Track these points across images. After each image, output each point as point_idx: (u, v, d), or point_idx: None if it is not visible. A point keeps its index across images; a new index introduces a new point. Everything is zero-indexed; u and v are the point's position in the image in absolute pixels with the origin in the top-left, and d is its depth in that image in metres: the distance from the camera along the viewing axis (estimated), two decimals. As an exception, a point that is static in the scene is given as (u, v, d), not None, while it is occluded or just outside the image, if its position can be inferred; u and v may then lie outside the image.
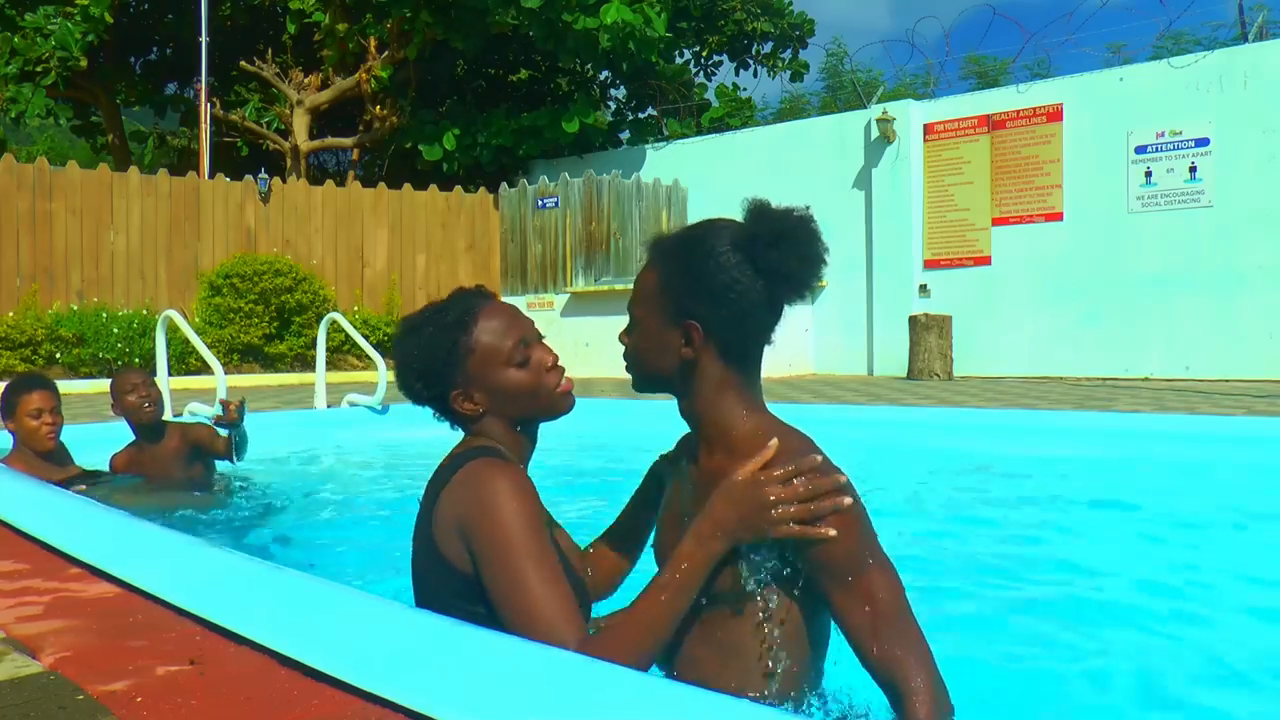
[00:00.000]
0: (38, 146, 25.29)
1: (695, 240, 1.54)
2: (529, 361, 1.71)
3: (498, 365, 1.70)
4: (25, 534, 2.54)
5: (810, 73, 19.19)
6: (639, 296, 1.59)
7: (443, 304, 1.75)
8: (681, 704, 1.24)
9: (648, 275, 1.58)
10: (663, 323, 1.55)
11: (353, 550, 3.65)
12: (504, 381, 1.70)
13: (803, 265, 1.49)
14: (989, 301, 11.85)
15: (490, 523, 1.55)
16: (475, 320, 1.70)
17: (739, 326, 1.52)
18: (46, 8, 14.12)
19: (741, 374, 1.56)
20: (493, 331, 1.70)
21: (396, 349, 1.76)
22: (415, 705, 1.31)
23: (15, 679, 1.49)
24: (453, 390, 1.70)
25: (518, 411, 1.73)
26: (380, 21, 15.45)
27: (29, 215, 12.36)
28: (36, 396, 3.83)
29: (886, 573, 1.46)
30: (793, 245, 1.48)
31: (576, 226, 13.69)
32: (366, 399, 6.60)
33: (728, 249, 1.50)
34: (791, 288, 1.51)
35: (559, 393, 1.74)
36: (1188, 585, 2.96)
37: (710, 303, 1.51)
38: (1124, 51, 14.37)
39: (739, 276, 1.49)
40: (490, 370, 1.70)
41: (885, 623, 1.44)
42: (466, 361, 1.69)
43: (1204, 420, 6.06)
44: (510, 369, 1.70)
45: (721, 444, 1.56)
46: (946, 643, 2.32)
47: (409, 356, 1.72)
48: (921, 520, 4.07)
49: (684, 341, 1.54)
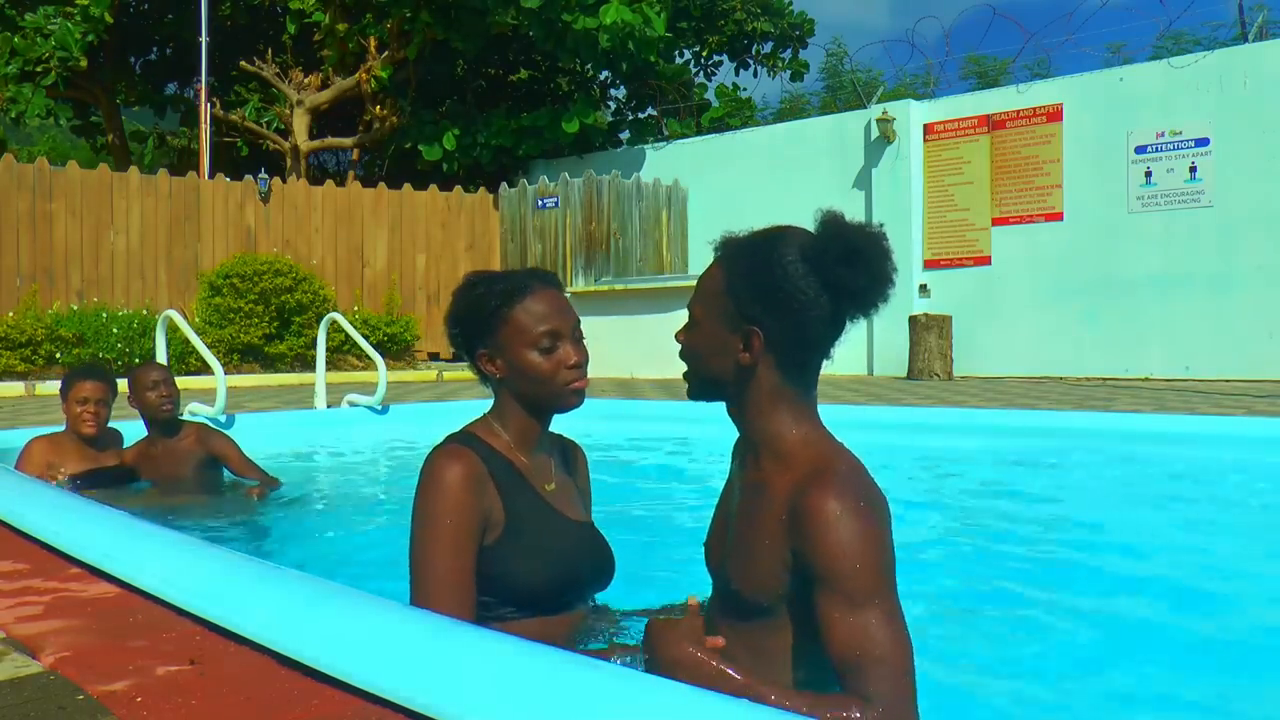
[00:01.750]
0: (39, 146, 25.29)
1: (765, 245, 1.52)
2: (552, 352, 1.81)
3: (523, 344, 1.81)
4: (25, 534, 2.54)
5: (810, 73, 19.21)
6: (701, 294, 1.58)
7: (508, 273, 1.89)
8: (682, 704, 1.24)
9: (713, 274, 1.57)
10: (723, 325, 1.54)
11: (352, 550, 3.65)
12: (523, 361, 1.81)
13: (872, 283, 1.48)
14: (989, 301, 11.85)
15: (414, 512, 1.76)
16: (523, 298, 1.82)
17: (800, 337, 1.51)
18: (46, 8, 14.12)
19: (797, 385, 1.54)
20: (531, 313, 1.81)
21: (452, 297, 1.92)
22: (415, 705, 1.31)
23: (15, 679, 1.49)
24: (480, 349, 1.85)
25: (527, 391, 1.84)
26: (380, 21, 15.45)
27: (29, 215, 12.36)
28: (87, 385, 4.11)
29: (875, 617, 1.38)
30: (864, 262, 1.47)
31: (576, 226, 13.69)
32: (366, 399, 6.60)
33: (797, 258, 1.48)
34: (858, 305, 1.50)
35: (568, 388, 1.84)
36: (1187, 585, 2.96)
37: (774, 311, 1.49)
38: (1124, 51, 14.40)
39: (805, 287, 1.47)
40: (516, 345, 1.81)
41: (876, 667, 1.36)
42: (500, 329, 1.82)
43: (1204, 420, 6.05)
44: (533, 352, 1.81)
45: (769, 454, 1.54)
46: (946, 642, 2.33)
47: (458, 306, 1.89)
48: (921, 520, 4.07)
49: (743, 347, 1.52)
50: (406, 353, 13.48)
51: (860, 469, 1.51)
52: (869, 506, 1.43)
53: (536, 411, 1.87)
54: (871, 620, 1.38)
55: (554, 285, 1.89)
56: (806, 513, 1.42)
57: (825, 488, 1.42)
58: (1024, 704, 1.99)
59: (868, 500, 1.44)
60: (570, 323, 1.85)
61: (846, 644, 1.38)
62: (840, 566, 1.38)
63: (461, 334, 1.88)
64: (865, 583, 1.38)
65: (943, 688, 2.03)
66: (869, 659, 1.36)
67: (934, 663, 2.16)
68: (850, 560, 1.38)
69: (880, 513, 1.45)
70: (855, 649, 1.37)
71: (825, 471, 1.46)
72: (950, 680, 2.06)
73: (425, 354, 14.66)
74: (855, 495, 1.43)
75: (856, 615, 1.38)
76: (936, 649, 2.28)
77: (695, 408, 1.73)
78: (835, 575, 1.39)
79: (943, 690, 2.01)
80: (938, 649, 2.29)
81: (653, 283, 12.72)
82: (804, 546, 1.42)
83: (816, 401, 1.59)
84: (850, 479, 1.46)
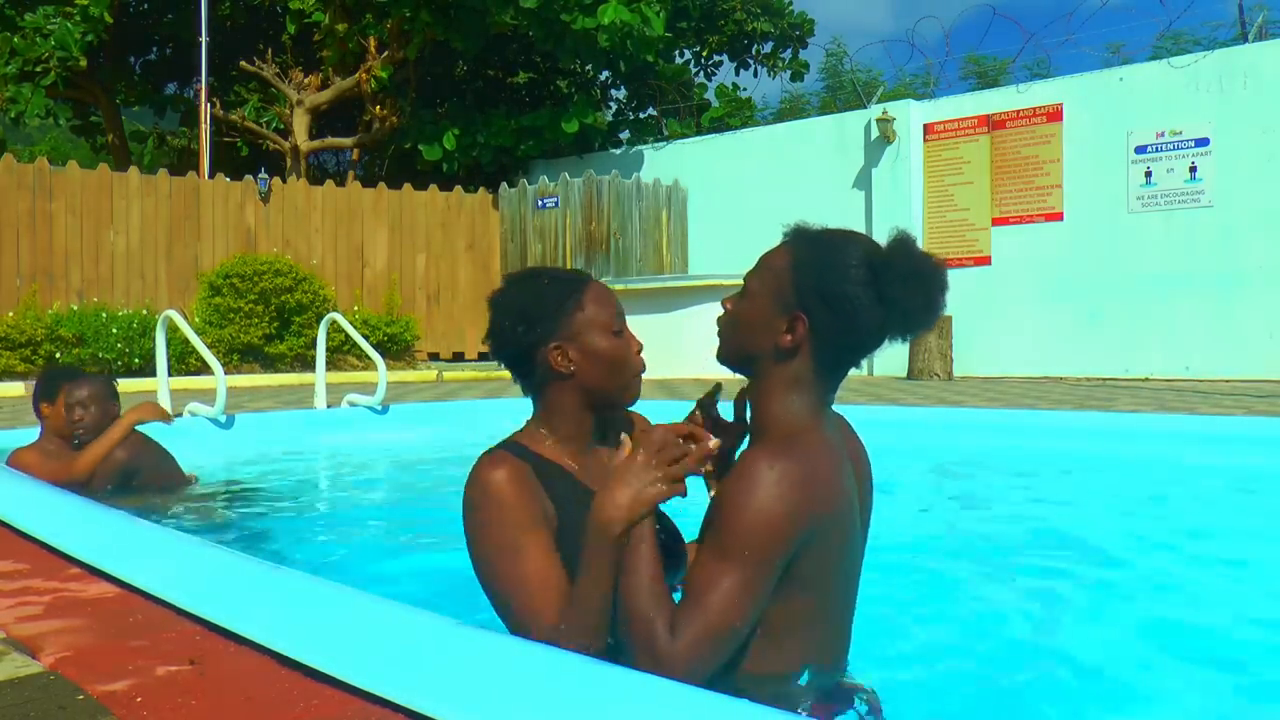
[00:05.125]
0: (39, 147, 25.28)
1: (836, 243, 1.60)
2: (623, 335, 1.79)
3: (599, 329, 1.76)
4: (25, 534, 2.54)
5: (810, 73, 19.20)
6: (761, 270, 1.63)
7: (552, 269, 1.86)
8: (682, 704, 1.24)
9: (780, 254, 1.62)
10: (774, 304, 1.59)
11: (352, 550, 3.65)
12: (599, 347, 1.76)
13: (925, 308, 1.55)
14: (989, 301, 11.85)
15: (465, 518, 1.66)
16: (588, 285, 1.80)
17: (842, 338, 1.57)
18: (46, 8, 14.11)
19: (821, 380, 1.60)
20: (600, 300, 1.79)
21: (500, 297, 1.82)
22: (415, 705, 1.31)
23: (15, 679, 1.49)
24: (552, 341, 1.75)
25: (600, 381, 1.77)
26: (380, 21, 15.45)
27: (29, 215, 12.36)
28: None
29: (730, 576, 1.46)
30: (924, 287, 1.55)
31: (576, 226, 13.69)
32: (366, 399, 6.60)
33: (863, 265, 1.55)
34: (905, 325, 1.57)
35: (637, 375, 1.81)
36: (1187, 585, 2.96)
37: (826, 304, 1.55)
38: (1124, 51, 14.40)
39: (861, 294, 1.54)
40: (592, 331, 1.76)
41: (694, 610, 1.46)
42: (575, 315, 1.76)
43: (1204, 420, 6.06)
44: (609, 336, 1.77)
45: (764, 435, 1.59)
46: (944, 642, 2.33)
47: (515, 301, 1.79)
48: (921, 521, 4.07)
49: (786, 329, 1.57)
50: (406, 353, 13.48)
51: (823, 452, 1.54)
52: (787, 481, 1.47)
53: (598, 405, 1.79)
54: (721, 575, 1.46)
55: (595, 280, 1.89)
56: (735, 466, 1.52)
57: (765, 449, 1.50)
58: (1025, 703, 1.99)
59: (791, 476, 1.47)
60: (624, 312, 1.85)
61: (691, 580, 1.48)
62: (725, 515, 1.48)
63: (527, 328, 1.76)
64: (735, 542, 1.46)
65: (941, 686, 2.03)
66: (696, 603, 1.46)
67: (935, 663, 2.16)
68: (734, 511, 1.47)
69: (800, 493, 1.47)
70: (694, 589, 1.47)
71: (782, 439, 1.53)
72: (949, 679, 2.06)
73: (425, 354, 14.67)
74: (782, 466, 1.47)
75: (713, 563, 1.47)
76: (938, 648, 2.28)
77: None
78: (718, 521, 1.48)
79: (942, 686, 2.02)
80: (935, 650, 2.29)
81: (653, 283, 12.73)
82: (720, 494, 1.51)
83: (832, 404, 1.64)
84: (797, 453, 1.50)
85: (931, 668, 2.12)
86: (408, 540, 3.82)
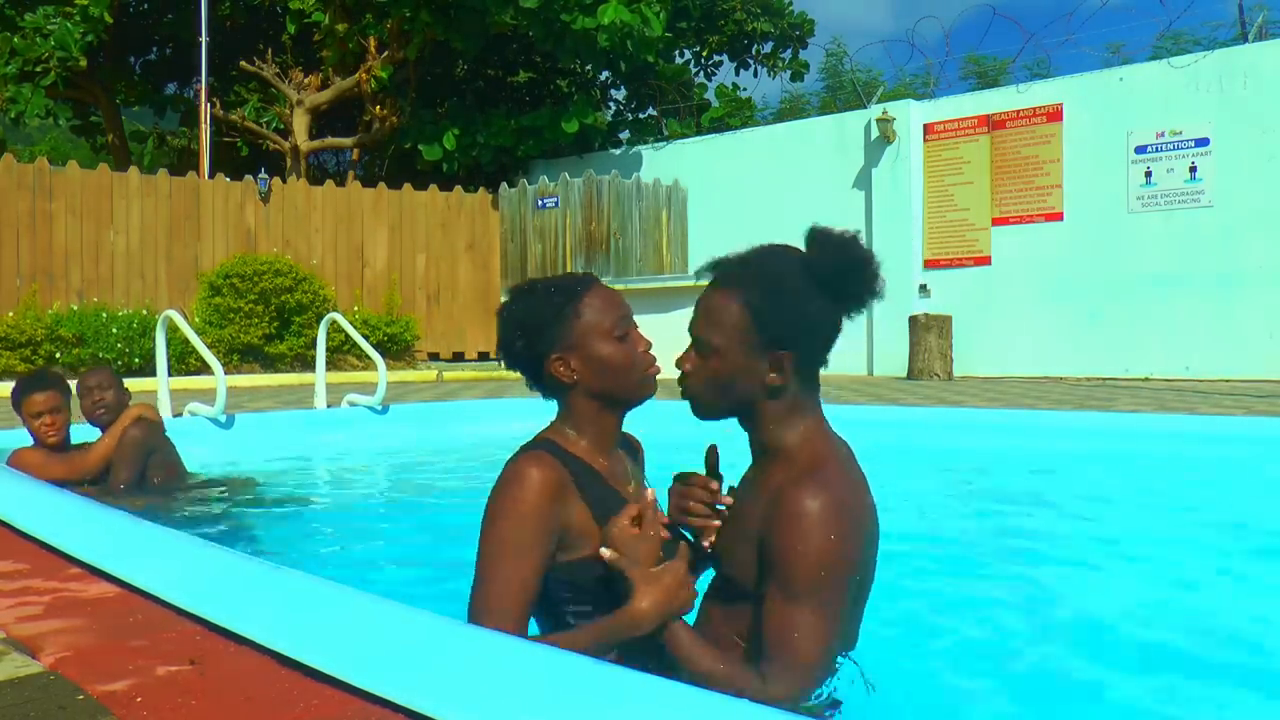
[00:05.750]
0: (39, 147, 25.28)
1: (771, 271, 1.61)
2: (627, 338, 1.78)
3: (600, 335, 1.76)
4: (25, 534, 2.54)
5: (810, 73, 19.18)
6: (718, 326, 1.62)
7: (554, 277, 1.85)
8: (682, 704, 1.24)
9: (726, 304, 1.62)
10: (747, 350, 1.60)
11: (352, 550, 3.65)
12: (602, 352, 1.76)
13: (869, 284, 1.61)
14: (989, 301, 11.85)
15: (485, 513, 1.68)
16: (586, 292, 1.79)
17: (822, 350, 1.63)
18: (46, 8, 14.10)
19: (811, 393, 1.65)
20: (599, 305, 1.78)
21: (504, 310, 1.83)
22: (415, 705, 1.31)
23: (15, 679, 1.49)
24: (553, 353, 1.76)
25: (608, 386, 1.77)
26: (380, 21, 15.44)
27: (29, 215, 12.35)
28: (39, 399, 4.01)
29: (807, 616, 1.48)
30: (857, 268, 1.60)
31: (576, 226, 13.69)
32: (366, 399, 6.60)
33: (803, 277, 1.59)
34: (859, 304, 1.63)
35: (647, 374, 1.80)
36: (1187, 585, 2.96)
37: (797, 333, 1.59)
38: (1124, 51, 14.40)
39: (818, 306, 1.59)
40: (592, 338, 1.76)
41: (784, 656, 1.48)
42: (573, 325, 1.76)
43: (1204, 420, 6.06)
44: (610, 341, 1.76)
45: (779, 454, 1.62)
46: (943, 641, 2.33)
47: (516, 314, 1.80)
48: (920, 521, 4.07)
49: (770, 369, 1.60)
50: (406, 353, 13.48)
51: (849, 473, 1.59)
52: (838, 510, 1.50)
53: (614, 407, 1.81)
54: (797, 615, 1.48)
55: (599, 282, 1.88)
56: (779, 504, 1.51)
57: (804, 485, 1.51)
58: (1025, 704, 1.99)
59: (841, 505, 1.51)
60: (629, 312, 1.83)
61: (769, 629, 1.50)
62: (786, 559, 1.48)
63: (527, 342, 1.78)
64: (803, 580, 1.47)
65: (942, 683, 2.03)
66: (781, 648, 1.48)
67: (934, 662, 2.16)
68: (797, 556, 1.48)
69: (851, 518, 1.52)
70: (774, 636, 1.49)
71: (812, 470, 1.54)
72: (948, 678, 2.06)
73: (425, 354, 14.66)
74: (829, 497, 1.50)
75: (787, 606, 1.48)
76: (937, 648, 2.28)
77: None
78: (780, 566, 1.49)
79: (941, 684, 2.02)
80: (935, 650, 2.29)
81: (653, 283, 12.72)
82: (768, 535, 1.52)
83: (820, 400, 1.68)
84: (833, 481, 1.53)
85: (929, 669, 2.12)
86: (408, 540, 3.83)
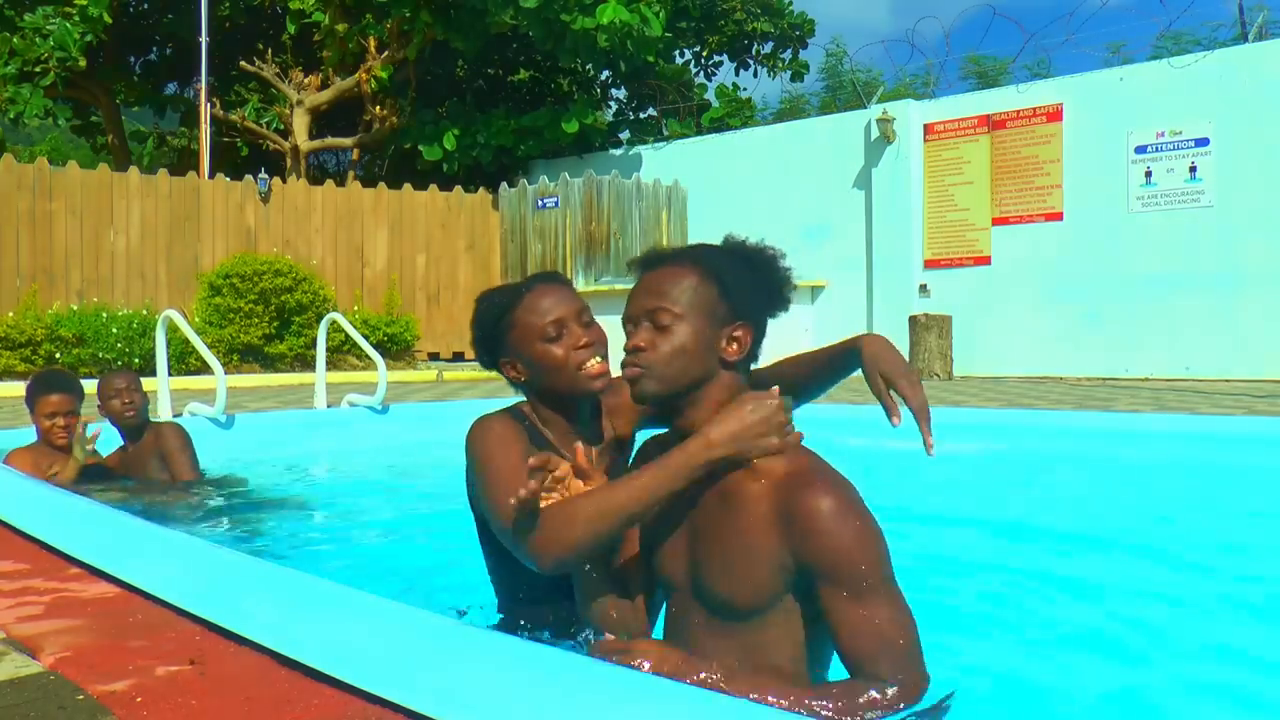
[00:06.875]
0: (39, 147, 25.28)
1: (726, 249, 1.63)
2: (560, 339, 1.85)
3: (533, 340, 1.86)
4: (25, 534, 2.54)
5: (810, 73, 19.17)
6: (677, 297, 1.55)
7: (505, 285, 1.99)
8: (682, 704, 1.24)
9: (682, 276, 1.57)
10: (713, 325, 1.56)
11: (352, 550, 3.65)
12: (536, 354, 1.86)
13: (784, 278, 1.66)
14: (989, 301, 11.85)
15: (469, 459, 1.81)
16: (521, 299, 1.89)
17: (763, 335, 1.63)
18: (45, 8, 14.10)
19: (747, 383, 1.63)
20: (534, 309, 1.87)
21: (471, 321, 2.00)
22: (415, 705, 1.31)
23: (15, 679, 1.49)
24: (502, 357, 1.93)
25: (549, 384, 1.88)
26: (380, 21, 15.44)
27: (29, 215, 12.35)
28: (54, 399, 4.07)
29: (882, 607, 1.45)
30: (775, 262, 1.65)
31: (576, 226, 13.69)
32: (366, 399, 6.60)
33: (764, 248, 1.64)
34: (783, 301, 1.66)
35: (583, 372, 1.86)
36: (1186, 584, 2.96)
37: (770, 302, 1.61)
38: (1124, 51, 14.40)
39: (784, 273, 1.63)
40: (527, 344, 1.87)
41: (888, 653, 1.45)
42: (509, 335, 1.89)
43: (1204, 420, 6.05)
44: (542, 343, 1.85)
45: None
46: (943, 641, 2.33)
47: (473, 323, 1.97)
48: (920, 521, 4.06)
49: (728, 343, 1.57)
50: (406, 353, 13.48)
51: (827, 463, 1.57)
52: (856, 500, 1.49)
53: (563, 406, 1.91)
54: (877, 610, 1.44)
55: (555, 280, 1.94)
56: (803, 515, 1.45)
57: (815, 488, 1.47)
58: (1026, 704, 1.99)
59: (852, 493, 1.50)
60: (575, 309, 1.89)
61: (855, 636, 1.44)
62: (843, 563, 1.44)
63: (483, 349, 1.96)
64: (868, 576, 1.44)
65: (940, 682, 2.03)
66: (878, 647, 1.43)
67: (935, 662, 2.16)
68: (852, 556, 1.44)
69: (864, 503, 1.51)
70: (864, 640, 1.44)
71: (808, 472, 1.51)
72: (948, 677, 2.06)
73: (425, 354, 14.66)
74: (843, 491, 1.49)
75: (863, 607, 1.44)
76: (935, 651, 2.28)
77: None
78: (839, 572, 1.44)
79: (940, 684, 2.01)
80: (936, 651, 2.28)
81: (653, 283, 12.69)
82: (804, 547, 1.45)
83: None
84: (831, 476, 1.52)
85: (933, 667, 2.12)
86: (408, 540, 3.82)
